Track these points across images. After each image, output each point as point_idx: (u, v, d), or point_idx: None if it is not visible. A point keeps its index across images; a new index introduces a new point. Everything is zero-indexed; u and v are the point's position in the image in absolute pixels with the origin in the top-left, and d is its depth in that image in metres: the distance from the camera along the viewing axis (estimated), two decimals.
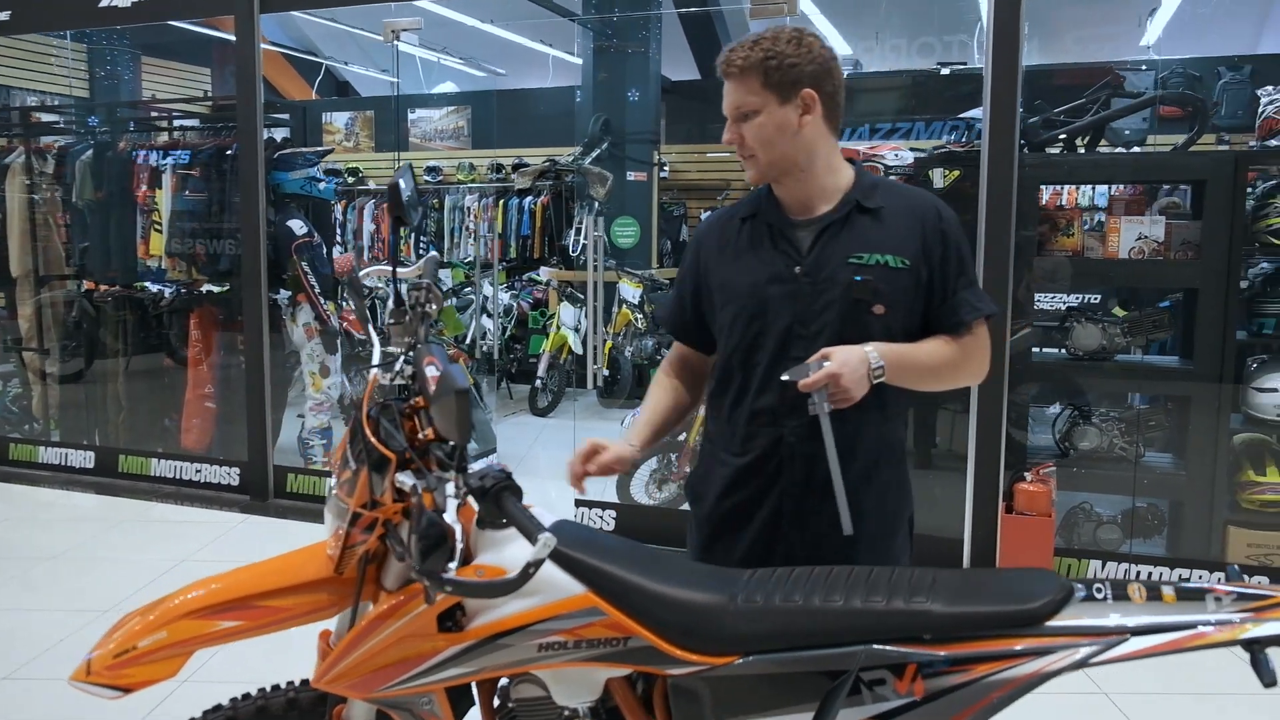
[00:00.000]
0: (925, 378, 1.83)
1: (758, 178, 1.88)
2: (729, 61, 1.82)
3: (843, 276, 1.80)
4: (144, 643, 1.64)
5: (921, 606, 1.35)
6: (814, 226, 1.85)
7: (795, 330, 1.82)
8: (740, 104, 1.81)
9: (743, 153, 1.85)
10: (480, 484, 1.36)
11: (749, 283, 1.86)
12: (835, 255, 1.82)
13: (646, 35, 8.55)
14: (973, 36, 10.38)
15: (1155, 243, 3.99)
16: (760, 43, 1.81)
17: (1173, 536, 4.19)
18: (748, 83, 1.80)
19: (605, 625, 1.48)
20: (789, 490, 1.84)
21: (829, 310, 1.80)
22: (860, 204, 1.84)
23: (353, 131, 11.49)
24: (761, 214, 1.90)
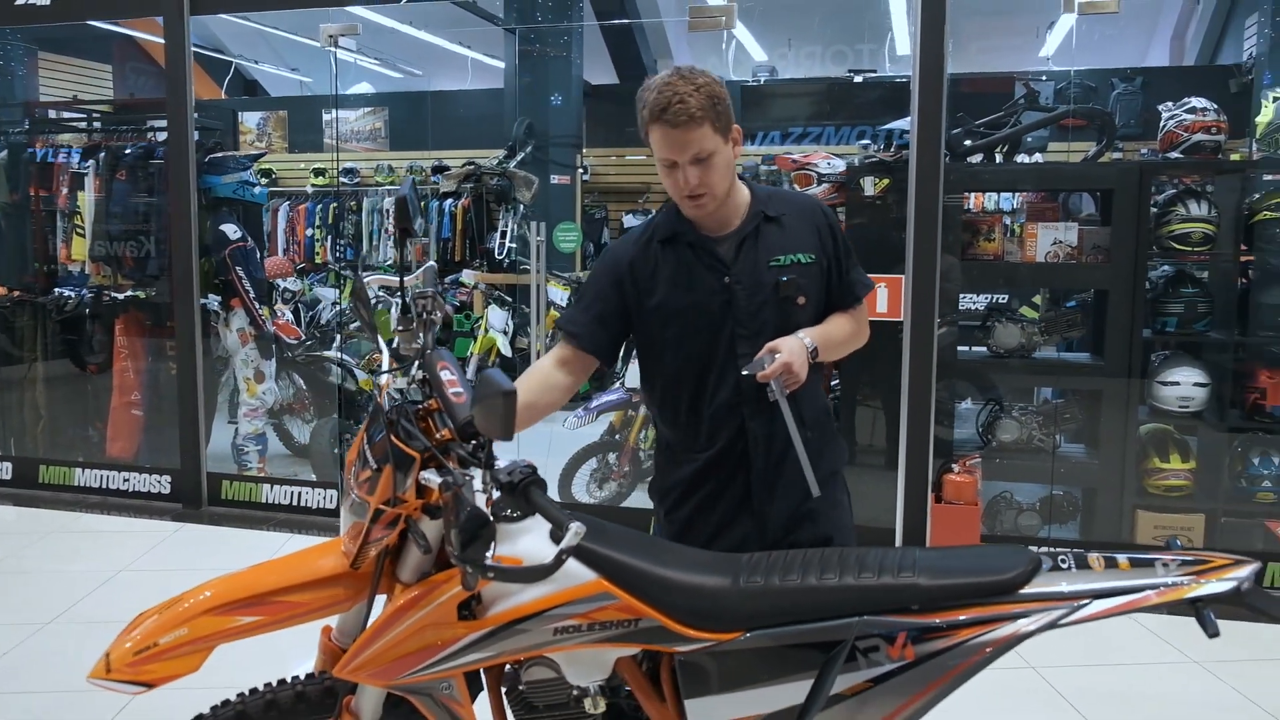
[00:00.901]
0: (839, 349, 2.14)
1: (710, 212, 2.02)
2: (686, 111, 1.88)
3: (769, 278, 2.04)
4: (165, 639, 1.70)
5: (909, 580, 1.52)
6: (732, 240, 2.06)
7: (738, 332, 2.03)
8: (700, 149, 1.92)
9: (697, 191, 1.96)
10: (509, 478, 1.47)
11: (689, 300, 2.04)
12: (758, 261, 2.05)
13: (569, 40, 8.64)
14: (883, 45, 10.78)
15: (1069, 247, 4.29)
16: (701, 88, 1.91)
17: (1086, 521, 4.49)
18: (703, 128, 1.91)
19: (617, 608, 1.61)
20: (756, 467, 2.06)
21: (764, 309, 2.03)
22: (766, 214, 2.08)
23: (265, 132, 11.27)
24: (680, 236, 2.07)
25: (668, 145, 1.93)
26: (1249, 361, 4.35)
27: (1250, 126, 5.23)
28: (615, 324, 2.11)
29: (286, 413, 6.17)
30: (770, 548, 1.89)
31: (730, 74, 10.21)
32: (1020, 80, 6.42)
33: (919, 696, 1.50)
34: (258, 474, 5.61)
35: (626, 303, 2.09)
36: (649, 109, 1.93)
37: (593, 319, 2.11)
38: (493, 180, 8.42)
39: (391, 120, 10.98)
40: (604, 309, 2.11)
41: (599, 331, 2.11)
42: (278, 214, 9.19)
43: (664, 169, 1.99)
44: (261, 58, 12.31)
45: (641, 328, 2.10)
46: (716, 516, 2.07)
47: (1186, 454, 4.33)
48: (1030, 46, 9.76)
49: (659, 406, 2.15)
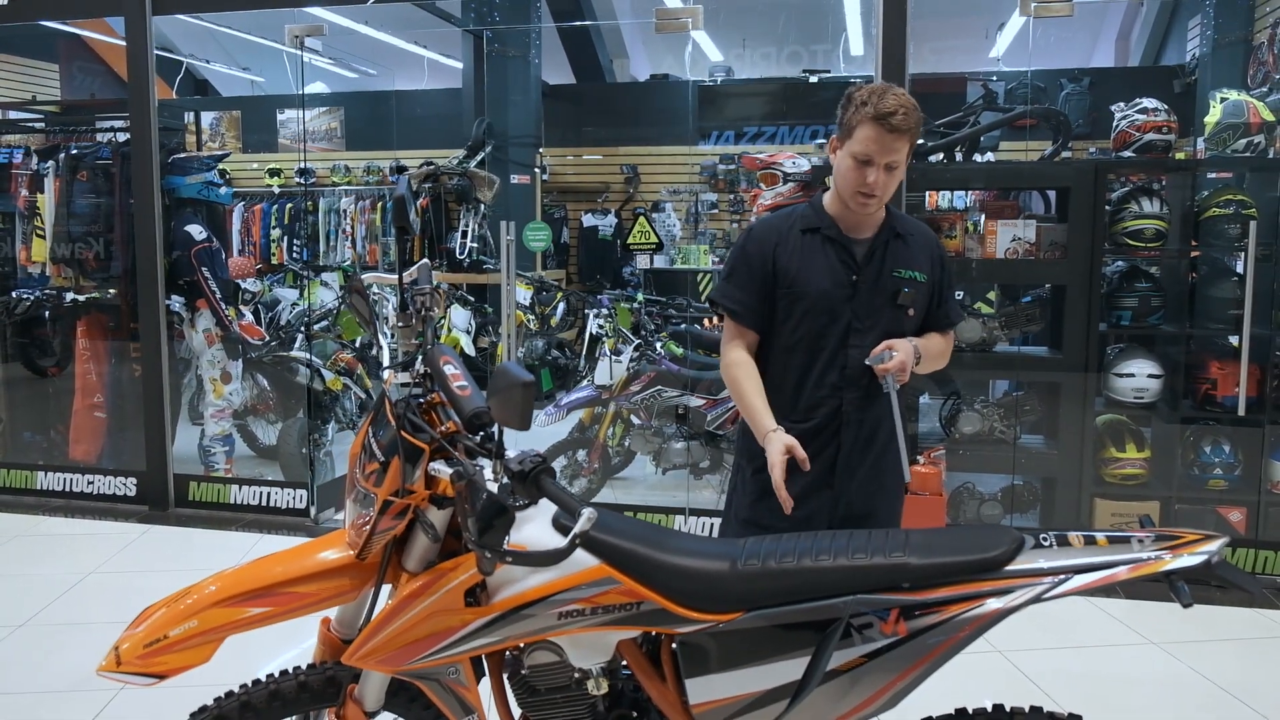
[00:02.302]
0: (929, 364, 2.38)
1: (872, 210, 2.26)
2: (908, 123, 2.14)
3: (891, 286, 2.30)
4: (175, 631, 1.73)
5: (900, 560, 1.60)
6: (865, 245, 2.31)
7: (854, 325, 2.29)
8: (896, 158, 2.17)
9: (874, 191, 2.19)
10: (520, 467, 1.52)
11: (819, 285, 2.29)
12: (884, 268, 2.30)
13: (528, 40, 8.67)
14: (838, 46, 10.93)
15: (1028, 244, 4.42)
16: (914, 107, 2.16)
17: (1046, 510, 4.63)
18: (906, 141, 2.17)
19: (620, 592, 1.67)
20: (844, 447, 2.30)
21: (880, 311, 2.29)
22: (896, 231, 2.33)
23: (218, 132, 11.13)
24: (824, 230, 2.32)
25: (875, 145, 2.15)
26: (1200, 353, 4.52)
27: (1195, 126, 5.42)
28: (767, 296, 2.34)
29: (251, 414, 6.14)
30: (840, 526, 2.17)
31: (688, 74, 10.32)
32: (974, 81, 6.58)
33: (911, 670, 1.58)
34: (225, 475, 5.58)
35: (768, 276, 2.33)
36: (873, 108, 2.13)
37: (748, 294, 2.35)
38: (452, 180, 8.41)
39: (348, 120, 10.89)
40: (752, 282, 2.34)
41: (756, 305, 2.34)
42: (232, 214, 9.09)
43: (854, 164, 2.18)
44: (212, 57, 12.15)
45: (774, 299, 2.33)
46: (799, 486, 2.21)
47: (1142, 444, 4.49)
48: (981, 47, 9.98)
49: (767, 375, 2.35)
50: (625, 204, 9.15)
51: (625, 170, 9.17)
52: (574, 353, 7.38)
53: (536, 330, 7.78)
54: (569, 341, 7.64)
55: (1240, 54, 5.85)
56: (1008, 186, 5.09)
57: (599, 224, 9.18)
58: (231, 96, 12.34)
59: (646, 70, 11.35)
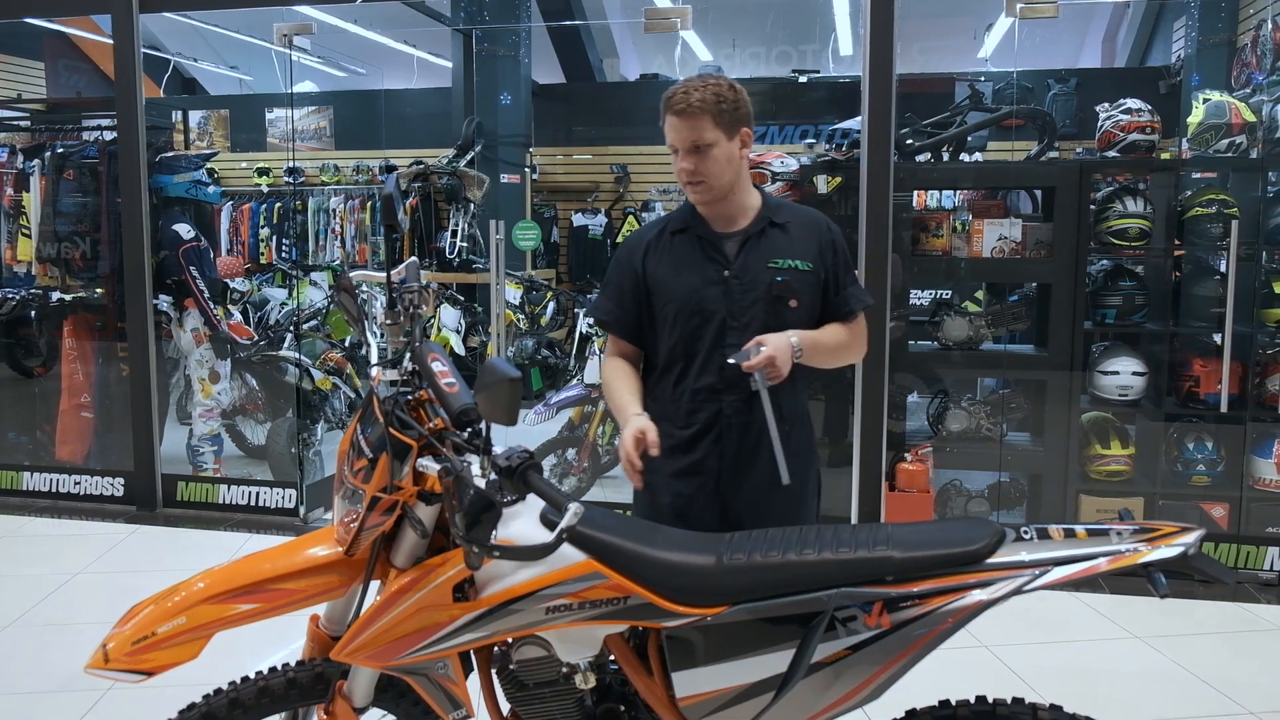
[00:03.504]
0: (829, 357, 2.29)
1: (707, 200, 2.24)
2: (687, 102, 2.14)
3: (765, 278, 2.22)
4: (163, 628, 1.74)
5: (883, 554, 1.62)
6: (737, 238, 2.25)
7: (729, 323, 2.21)
8: (698, 138, 2.15)
9: (694, 179, 2.18)
10: (507, 463, 1.54)
11: (688, 285, 2.24)
12: (757, 261, 2.23)
13: (517, 39, 8.67)
14: (827, 46, 10.96)
15: (1014, 243, 4.45)
16: (709, 86, 2.16)
17: (1033, 506, 4.67)
18: (703, 120, 2.14)
19: (607, 587, 1.68)
20: (727, 452, 2.24)
21: (755, 305, 2.21)
22: (772, 220, 2.26)
23: (206, 131, 11.10)
24: (691, 228, 2.28)
25: (673, 132, 2.17)
26: (1183, 351, 4.55)
27: (1180, 126, 5.46)
28: (637, 307, 2.31)
29: (239, 414, 6.13)
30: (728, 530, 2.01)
31: (678, 74, 10.33)
32: (961, 81, 6.61)
33: (895, 661, 1.60)
34: (214, 475, 5.57)
35: (639, 284, 2.29)
36: (663, 99, 2.18)
37: (618, 306, 2.33)
38: (442, 179, 8.41)
39: (337, 119, 10.87)
40: (624, 294, 2.31)
41: (625, 316, 2.32)
42: (221, 214, 9.06)
43: (673, 157, 2.20)
44: (200, 55, 12.11)
45: (648, 307, 2.30)
46: (688, 492, 2.23)
47: (1126, 440, 4.53)
48: (969, 48, 10.02)
49: (652, 382, 2.32)
50: (615, 203, 9.16)
51: (615, 170, 9.18)
52: (564, 352, 7.40)
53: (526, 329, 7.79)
54: (559, 341, 7.65)
55: (1224, 55, 5.89)
56: (994, 186, 5.13)
57: (589, 223, 9.18)
58: (220, 95, 12.30)
59: (636, 70, 11.37)
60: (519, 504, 1.65)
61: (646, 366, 2.36)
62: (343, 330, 7.72)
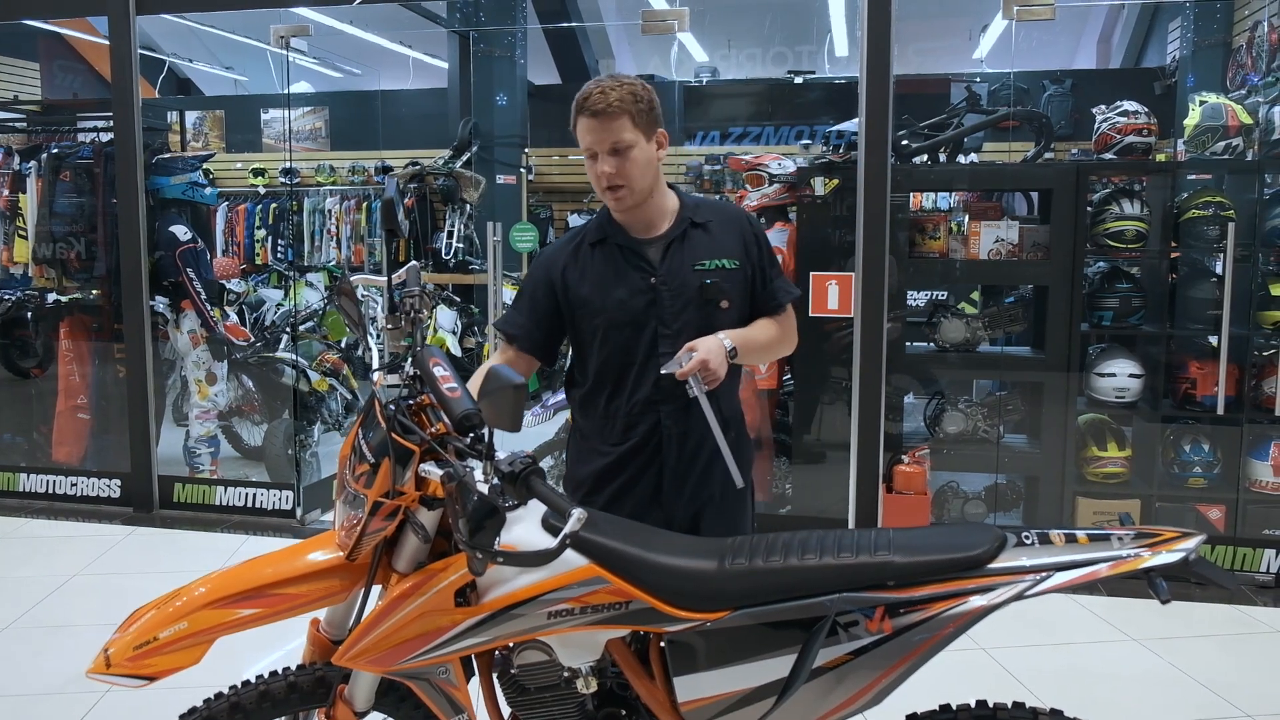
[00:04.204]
0: (762, 353, 2.26)
1: (629, 205, 2.15)
2: (605, 101, 2.05)
3: (694, 281, 2.16)
4: (165, 633, 1.74)
5: (884, 559, 1.62)
6: (659, 243, 2.18)
7: (660, 331, 2.15)
8: (617, 140, 2.07)
9: (614, 182, 2.10)
10: (510, 469, 1.54)
11: (614, 297, 2.16)
12: (683, 264, 2.17)
13: (513, 40, 8.67)
14: (823, 47, 10.96)
15: (1011, 245, 4.46)
16: (624, 85, 2.09)
17: (1030, 508, 4.68)
18: (621, 121, 2.07)
19: (609, 592, 1.68)
20: (668, 463, 2.19)
21: (687, 310, 2.15)
22: (693, 220, 2.20)
23: (202, 132, 11.08)
24: (610, 238, 2.20)
25: (588, 135, 2.09)
26: (1179, 353, 4.56)
27: (1176, 128, 5.48)
28: (550, 324, 2.24)
29: (235, 415, 6.12)
30: None
31: (673, 74, 10.33)
32: (958, 82, 6.62)
33: (897, 666, 1.60)
34: (210, 476, 5.57)
35: (558, 303, 2.22)
36: (576, 102, 2.10)
37: (528, 320, 2.24)
38: (438, 180, 8.41)
39: (332, 120, 10.87)
40: (537, 309, 2.24)
41: (535, 331, 2.24)
42: (216, 215, 9.06)
43: (588, 162, 2.13)
44: (195, 56, 12.10)
45: (572, 324, 2.22)
46: (627, 508, 2.18)
47: (1123, 442, 4.53)
48: (965, 49, 10.03)
49: (581, 400, 2.27)
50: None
51: None
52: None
53: None
54: None
55: (1220, 56, 5.91)
56: (991, 188, 5.14)
57: None
58: (215, 96, 12.28)
59: (633, 71, 11.32)
60: (521, 509, 1.65)
61: (572, 384, 2.31)
62: (339, 331, 7.71)
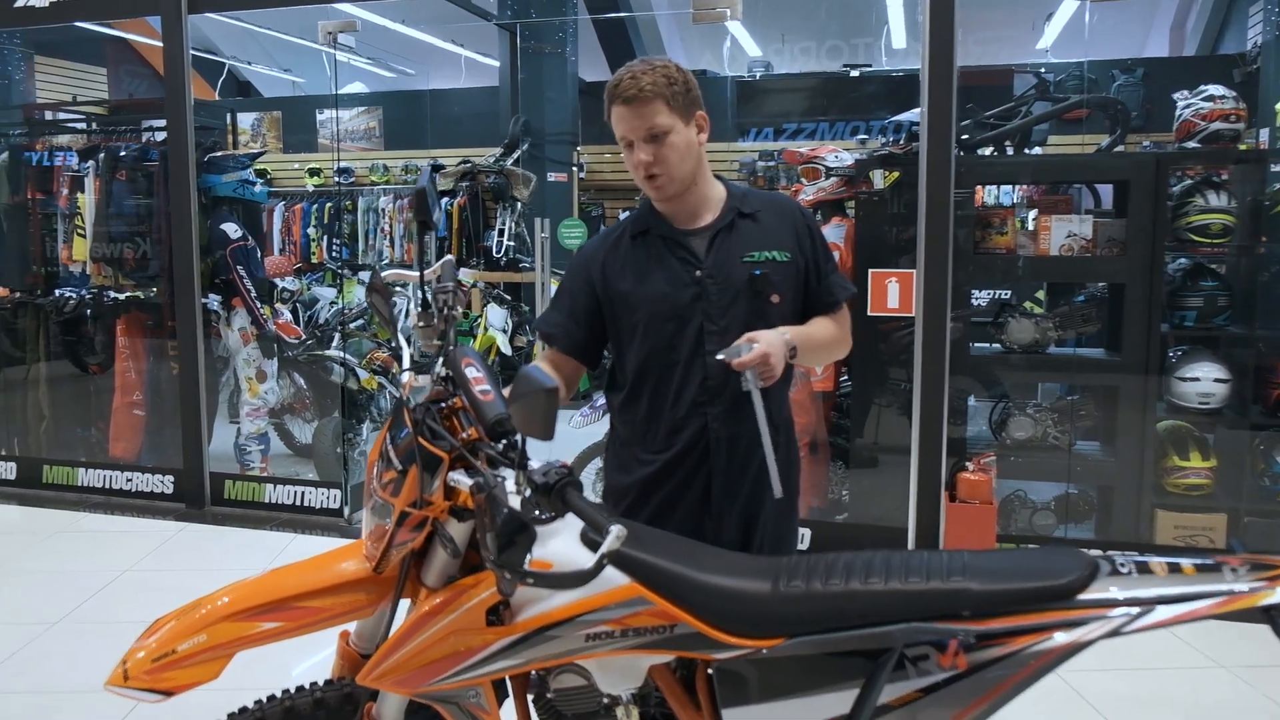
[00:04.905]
0: (821, 354, 2.11)
1: (670, 193, 2.01)
2: (638, 87, 1.92)
3: (742, 274, 2.01)
4: (184, 646, 1.64)
5: (959, 585, 1.45)
6: (705, 234, 2.04)
7: (707, 327, 2.00)
8: (652, 126, 1.94)
9: (652, 171, 1.97)
10: (544, 480, 1.40)
11: (657, 292, 2.02)
12: (731, 256, 2.02)
13: (563, 36, 8.59)
14: (879, 39, 10.71)
15: (1084, 240, 4.22)
16: (656, 69, 1.96)
17: (1103, 520, 4.42)
18: (656, 105, 1.94)
19: (652, 614, 1.54)
20: (716, 471, 2.03)
21: (735, 305, 2.00)
22: (741, 210, 2.06)
23: (260, 133, 11.22)
24: (653, 230, 2.06)
25: (622, 122, 1.96)
26: (1270, 356, 4.26)
27: (1259, 116, 5.17)
28: (591, 322, 2.09)
29: (287, 412, 6.12)
30: None
31: (726, 69, 10.17)
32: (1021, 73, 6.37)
33: (973, 708, 1.43)
34: (260, 474, 5.55)
35: (599, 300, 2.08)
36: (607, 91, 1.97)
37: (567, 319, 2.10)
38: (489, 178, 8.37)
39: (386, 119, 10.93)
40: (576, 307, 2.10)
41: (575, 331, 2.10)
42: (273, 214, 9.15)
43: (625, 151, 1.99)
44: (254, 59, 12.26)
45: (612, 321, 2.08)
46: (673, 522, 2.02)
47: (1206, 452, 4.26)
48: (1027, 39, 9.72)
49: (621, 404, 2.12)
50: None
51: None
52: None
53: None
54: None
55: None
56: (1063, 180, 4.88)
57: None
58: (273, 97, 12.43)
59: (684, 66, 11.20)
60: (559, 521, 1.52)
61: (612, 386, 2.16)
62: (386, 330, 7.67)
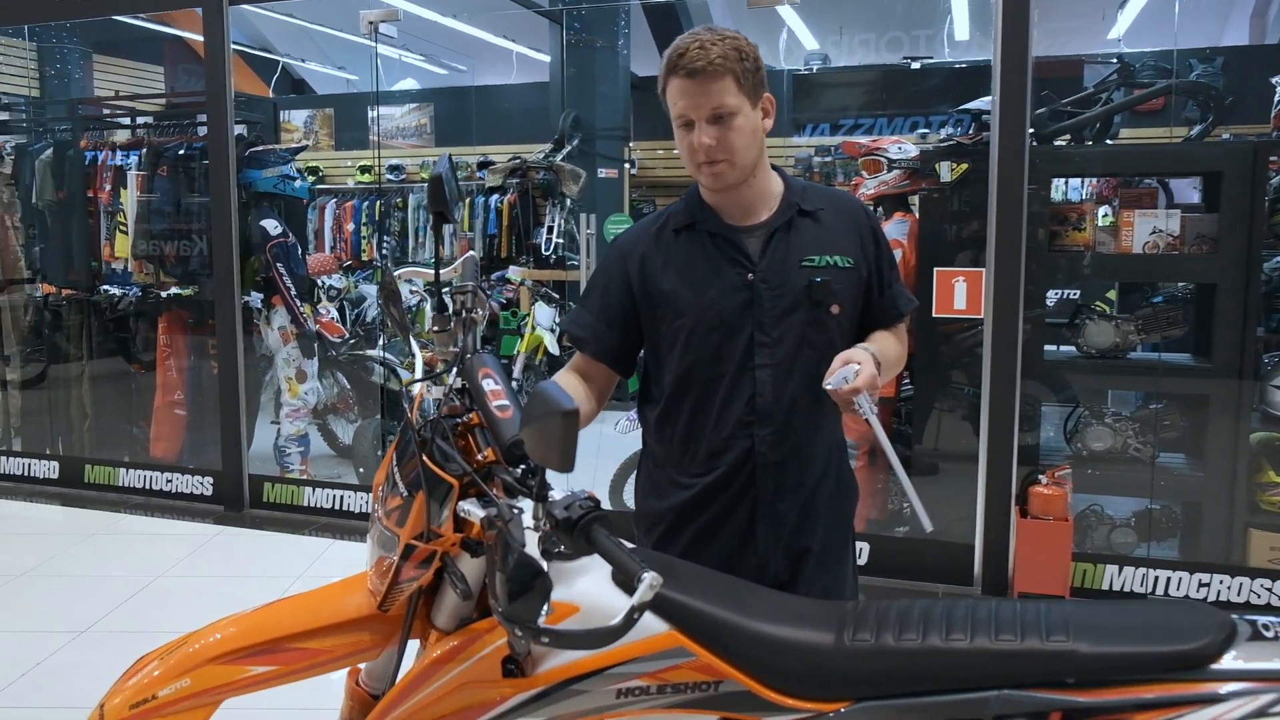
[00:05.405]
0: (888, 372, 1.84)
1: (729, 182, 1.77)
2: (705, 58, 1.67)
3: (799, 280, 1.78)
4: (165, 691, 1.46)
5: (1063, 646, 1.21)
6: (760, 232, 1.81)
7: (757, 338, 1.77)
8: (719, 105, 1.70)
9: (714, 155, 1.72)
10: (566, 514, 1.19)
11: (703, 295, 1.78)
12: (788, 259, 1.79)
13: (615, 29, 8.41)
14: (941, 30, 10.37)
15: (1170, 237, 3.90)
16: (726, 40, 1.71)
17: (1189, 539, 4.10)
18: (725, 82, 1.69)
19: (694, 668, 1.33)
20: (762, 500, 1.81)
21: (790, 315, 1.77)
22: (801, 208, 1.82)
23: (312, 130, 11.24)
24: (700, 224, 1.83)
25: (684, 98, 1.71)
26: None
27: None
28: (625, 325, 1.86)
29: (331, 413, 6.02)
30: None
31: (782, 63, 9.90)
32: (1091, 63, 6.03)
33: None
34: (300, 476, 5.43)
35: (635, 299, 1.84)
36: (667, 60, 1.72)
37: (598, 320, 1.86)
38: (539, 174, 8.24)
39: (437, 116, 10.85)
40: (609, 307, 1.86)
41: (608, 335, 1.86)
42: (324, 211, 9.13)
43: (680, 131, 1.75)
44: (308, 56, 12.30)
45: (649, 326, 1.85)
46: (712, 555, 1.80)
47: None
48: (1096, 29, 9.34)
49: (657, 420, 1.88)
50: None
51: None
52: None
53: None
54: None
55: None
56: (1148, 172, 4.54)
57: None
58: (325, 94, 12.45)
59: None
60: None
61: (646, 399, 1.92)
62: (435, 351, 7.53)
